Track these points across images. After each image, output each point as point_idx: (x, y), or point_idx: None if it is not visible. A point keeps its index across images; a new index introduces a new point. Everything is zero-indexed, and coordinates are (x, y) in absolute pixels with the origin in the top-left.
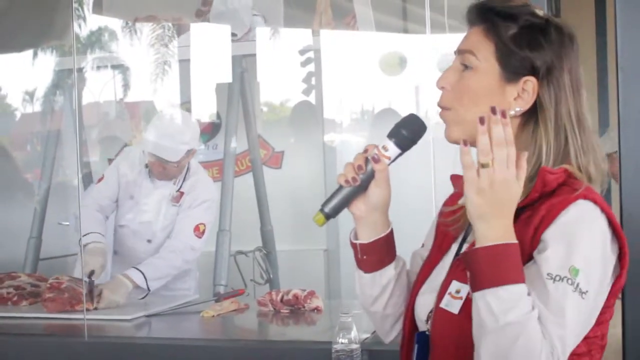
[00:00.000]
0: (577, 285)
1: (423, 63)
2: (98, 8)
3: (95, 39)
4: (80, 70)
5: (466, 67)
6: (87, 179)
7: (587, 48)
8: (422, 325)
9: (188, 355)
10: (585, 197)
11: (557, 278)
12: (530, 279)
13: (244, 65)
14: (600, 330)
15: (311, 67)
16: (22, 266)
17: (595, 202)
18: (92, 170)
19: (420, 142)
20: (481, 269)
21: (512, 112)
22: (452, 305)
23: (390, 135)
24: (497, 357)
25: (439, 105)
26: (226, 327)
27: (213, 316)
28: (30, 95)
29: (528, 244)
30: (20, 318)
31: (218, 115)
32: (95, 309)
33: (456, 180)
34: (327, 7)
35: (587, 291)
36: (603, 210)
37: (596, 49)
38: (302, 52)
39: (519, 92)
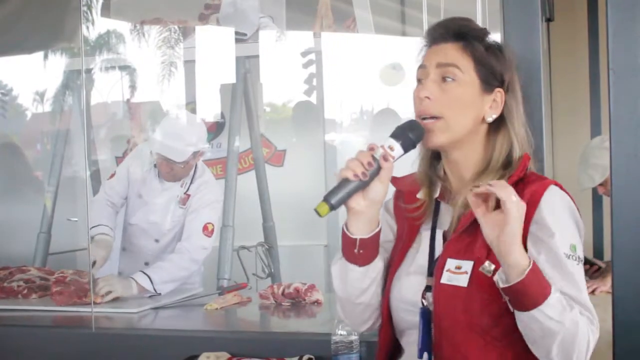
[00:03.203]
0: (578, 257)
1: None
2: (106, 11)
3: (104, 42)
4: (88, 71)
5: (446, 79)
6: (95, 177)
7: (580, 52)
8: (403, 305)
9: (192, 346)
10: (555, 184)
11: (570, 257)
12: (552, 260)
13: (247, 67)
14: None
15: (312, 69)
16: (32, 260)
17: (560, 187)
18: (100, 168)
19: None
20: (532, 292)
21: (490, 119)
22: (457, 279)
23: (396, 137)
24: (567, 348)
25: (427, 113)
26: (229, 319)
27: (217, 309)
28: (41, 95)
29: None
30: (30, 310)
31: (222, 115)
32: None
33: (394, 181)
34: (328, 10)
35: (582, 259)
36: (566, 193)
37: (589, 53)
38: (303, 54)
39: (492, 101)
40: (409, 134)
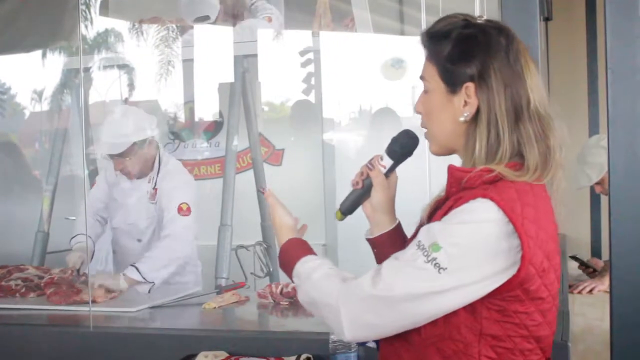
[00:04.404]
0: (433, 259)
1: (419, 64)
2: (104, 10)
3: (102, 40)
4: (87, 70)
5: (426, 90)
6: (93, 175)
7: (578, 52)
8: None
9: (190, 345)
10: (484, 196)
11: (422, 247)
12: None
13: (245, 66)
14: (504, 330)
15: (311, 68)
16: (30, 259)
17: (493, 200)
18: (98, 167)
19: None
20: (281, 264)
21: (462, 119)
22: None
23: (386, 148)
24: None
25: (421, 126)
26: (227, 318)
27: (215, 308)
28: (39, 94)
29: None
30: (28, 309)
31: (220, 114)
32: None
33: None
34: (327, 9)
35: (445, 268)
36: (501, 208)
37: (587, 52)
38: (302, 53)
39: (464, 99)
40: (393, 145)
